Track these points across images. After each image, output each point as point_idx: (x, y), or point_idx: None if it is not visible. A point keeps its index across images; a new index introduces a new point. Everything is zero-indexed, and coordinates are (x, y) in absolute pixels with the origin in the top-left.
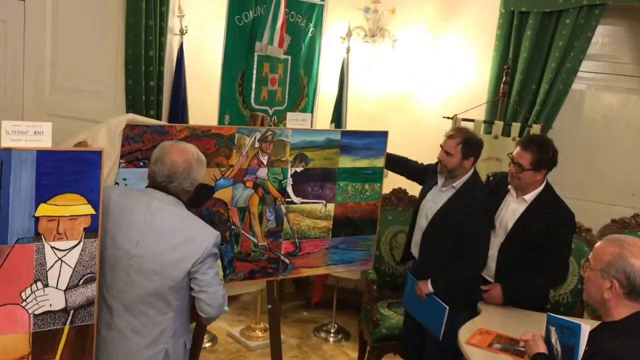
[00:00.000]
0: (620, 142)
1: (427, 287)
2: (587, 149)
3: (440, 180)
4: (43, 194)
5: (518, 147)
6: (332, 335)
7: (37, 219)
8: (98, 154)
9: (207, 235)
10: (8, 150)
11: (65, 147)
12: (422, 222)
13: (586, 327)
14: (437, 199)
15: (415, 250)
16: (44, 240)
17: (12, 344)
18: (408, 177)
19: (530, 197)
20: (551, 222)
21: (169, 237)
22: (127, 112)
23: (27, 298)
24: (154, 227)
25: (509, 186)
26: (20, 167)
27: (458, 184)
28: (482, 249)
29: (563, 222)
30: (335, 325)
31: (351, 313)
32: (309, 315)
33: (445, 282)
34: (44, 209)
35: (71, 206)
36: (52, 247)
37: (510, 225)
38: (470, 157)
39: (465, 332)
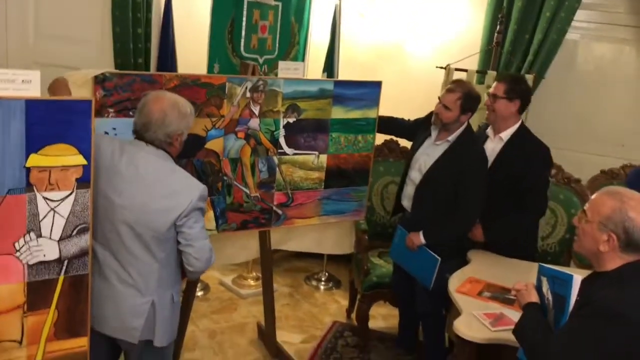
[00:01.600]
0: (612, 93)
1: (419, 238)
2: (578, 99)
3: (434, 134)
4: (33, 144)
5: (494, 82)
6: (323, 283)
7: (28, 170)
8: (88, 103)
9: (192, 189)
10: None
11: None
12: (415, 175)
13: (578, 277)
14: (430, 152)
15: (406, 202)
16: (35, 191)
17: (7, 294)
18: (397, 136)
19: (506, 135)
20: (528, 158)
21: (153, 189)
22: (116, 60)
23: (20, 248)
24: (137, 178)
25: (487, 129)
26: (9, 117)
27: (452, 137)
28: (477, 203)
29: (539, 156)
30: (326, 274)
31: (341, 262)
32: (299, 264)
33: (438, 234)
34: (34, 160)
35: (62, 156)
36: (45, 198)
37: (489, 164)
38: (468, 111)
39: (455, 281)
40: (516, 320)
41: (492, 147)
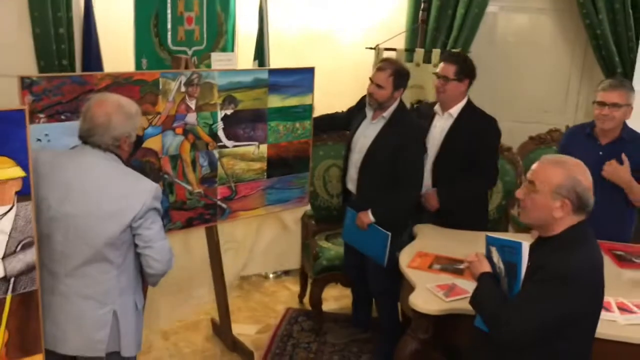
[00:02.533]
0: (532, 62)
1: (369, 217)
2: (502, 70)
3: (369, 114)
4: None
5: (442, 63)
6: (272, 273)
7: None
8: (21, 112)
9: (144, 190)
10: None
11: None
12: (356, 157)
13: (526, 244)
14: (368, 132)
15: (351, 185)
16: None
17: None
18: (337, 129)
19: (455, 111)
20: (478, 130)
21: (103, 193)
22: (39, 63)
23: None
24: (85, 184)
25: (435, 107)
26: None
27: (387, 113)
28: (418, 175)
29: (489, 127)
30: None
31: None
32: None
33: (385, 210)
34: None
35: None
36: None
37: (440, 141)
38: (400, 87)
39: (405, 257)
40: (468, 290)
41: (442, 123)
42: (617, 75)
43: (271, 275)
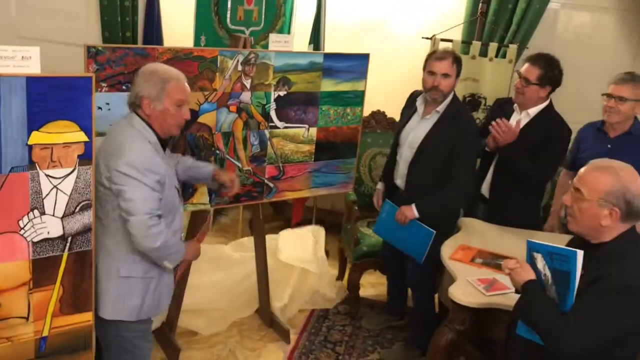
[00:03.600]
0: (591, 62)
1: (412, 211)
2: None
3: (421, 109)
4: (35, 122)
5: (527, 63)
6: None
7: (30, 147)
8: (89, 79)
9: (121, 153)
10: None
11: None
12: (407, 153)
13: (581, 253)
14: (419, 127)
15: (400, 181)
16: (38, 169)
17: (12, 271)
18: None
19: (533, 111)
20: (549, 134)
21: (105, 149)
22: (103, 33)
23: (24, 226)
24: (105, 142)
25: (514, 105)
26: (9, 95)
27: (441, 108)
28: (471, 171)
29: (557, 134)
30: None
31: (329, 233)
32: None
33: (432, 207)
34: (36, 137)
35: (64, 133)
36: (47, 175)
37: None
38: (459, 75)
39: (447, 249)
40: (509, 286)
41: (519, 118)
42: None
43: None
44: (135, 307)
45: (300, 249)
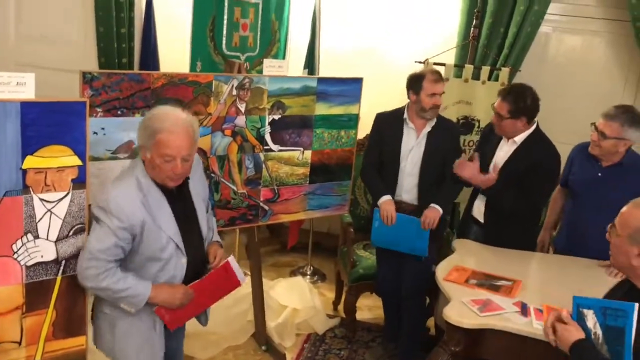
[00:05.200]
0: (583, 85)
1: (437, 210)
2: (552, 90)
3: (412, 126)
4: (29, 146)
5: (498, 98)
6: (308, 277)
7: (24, 172)
8: (83, 104)
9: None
10: None
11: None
12: (409, 168)
13: (637, 306)
14: (418, 142)
15: (407, 195)
16: (32, 192)
17: (6, 295)
18: None
19: (519, 139)
20: (534, 160)
21: None
22: (99, 60)
23: (18, 250)
24: None
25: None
26: (4, 119)
27: (434, 122)
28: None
29: (546, 160)
30: (311, 268)
31: (325, 255)
32: (284, 259)
33: (448, 198)
34: (30, 161)
35: (58, 158)
36: (41, 199)
37: (500, 165)
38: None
39: (441, 271)
40: (504, 307)
41: (507, 149)
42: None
43: (308, 281)
44: (108, 343)
45: (295, 294)
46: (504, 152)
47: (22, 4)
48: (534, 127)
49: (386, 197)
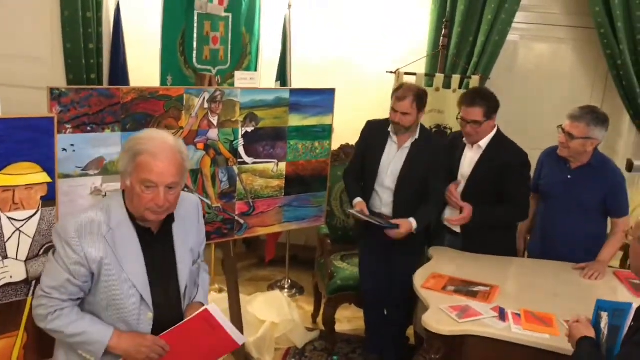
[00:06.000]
0: (551, 91)
1: (411, 225)
2: (521, 97)
3: (394, 139)
4: None
5: (464, 107)
6: (286, 290)
7: None
8: (51, 120)
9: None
10: None
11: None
12: (388, 181)
13: (635, 305)
14: (399, 156)
15: (386, 209)
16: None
17: None
18: None
19: (484, 143)
20: (506, 162)
21: None
22: (68, 76)
23: None
24: None
25: (464, 139)
26: None
27: (415, 136)
28: (445, 184)
29: (517, 160)
30: (289, 281)
31: (303, 269)
32: (261, 273)
33: (427, 216)
34: None
35: (26, 175)
36: (9, 218)
37: (469, 173)
38: (422, 109)
39: (419, 278)
40: (481, 312)
41: (472, 155)
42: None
43: (286, 294)
44: None
45: (274, 308)
46: (468, 159)
47: None
48: (495, 130)
49: (358, 200)
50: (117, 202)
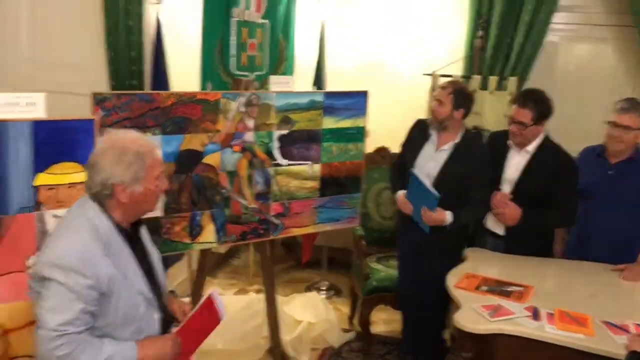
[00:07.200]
0: (592, 93)
1: (444, 216)
2: (561, 99)
3: (434, 138)
4: (40, 164)
5: (515, 106)
6: (324, 292)
7: (36, 189)
8: (91, 122)
9: (49, 249)
10: (3, 122)
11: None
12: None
13: None
14: (436, 157)
15: None
16: (44, 209)
17: (20, 311)
18: None
19: (532, 147)
20: (556, 168)
21: (47, 240)
22: (110, 83)
23: (31, 265)
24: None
25: (509, 142)
26: (16, 139)
27: (456, 139)
28: (487, 195)
29: (567, 166)
30: (327, 283)
31: (341, 271)
32: (299, 275)
33: (464, 214)
34: (42, 179)
35: (69, 174)
36: (53, 215)
37: (515, 178)
38: (461, 108)
39: (453, 278)
40: (514, 311)
41: (518, 159)
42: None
43: (323, 296)
44: None
45: (310, 309)
46: (515, 163)
47: (36, 31)
48: (544, 134)
49: (401, 192)
50: (94, 213)
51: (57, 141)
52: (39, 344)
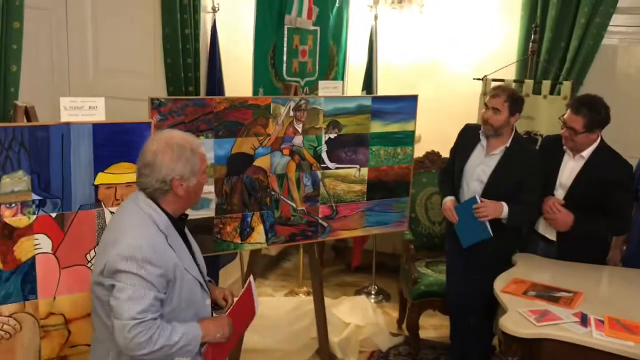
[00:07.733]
0: None
1: (501, 207)
2: (620, 103)
3: (484, 143)
4: (100, 164)
5: (569, 111)
6: (373, 296)
7: (96, 187)
8: (148, 124)
9: (121, 242)
10: (67, 124)
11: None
12: (475, 185)
13: None
14: (487, 161)
15: None
16: (103, 206)
17: (81, 302)
18: None
19: (587, 153)
20: (611, 175)
21: (105, 236)
22: (168, 89)
23: (92, 259)
24: (106, 230)
25: (564, 147)
26: (78, 140)
27: (506, 143)
28: (538, 196)
29: (623, 173)
30: (376, 287)
31: (390, 276)
32: (349, 279)
33: (519, 211)
34: (102, 178)
35: (127, 174)
36: (112, 212)
37: (569, 183)
38: (516, 113)
39: (500, 282)
40: (561, 317)
41: (572, 165)
42: None
43: (372, 300)
44: None
45: (358, 312)
46: (569, 168)
47: (98, 40)
48: (599, 140)
49: (449, 198)
50: (149, 206)
51: (116, 143)
52: (118, 333)
